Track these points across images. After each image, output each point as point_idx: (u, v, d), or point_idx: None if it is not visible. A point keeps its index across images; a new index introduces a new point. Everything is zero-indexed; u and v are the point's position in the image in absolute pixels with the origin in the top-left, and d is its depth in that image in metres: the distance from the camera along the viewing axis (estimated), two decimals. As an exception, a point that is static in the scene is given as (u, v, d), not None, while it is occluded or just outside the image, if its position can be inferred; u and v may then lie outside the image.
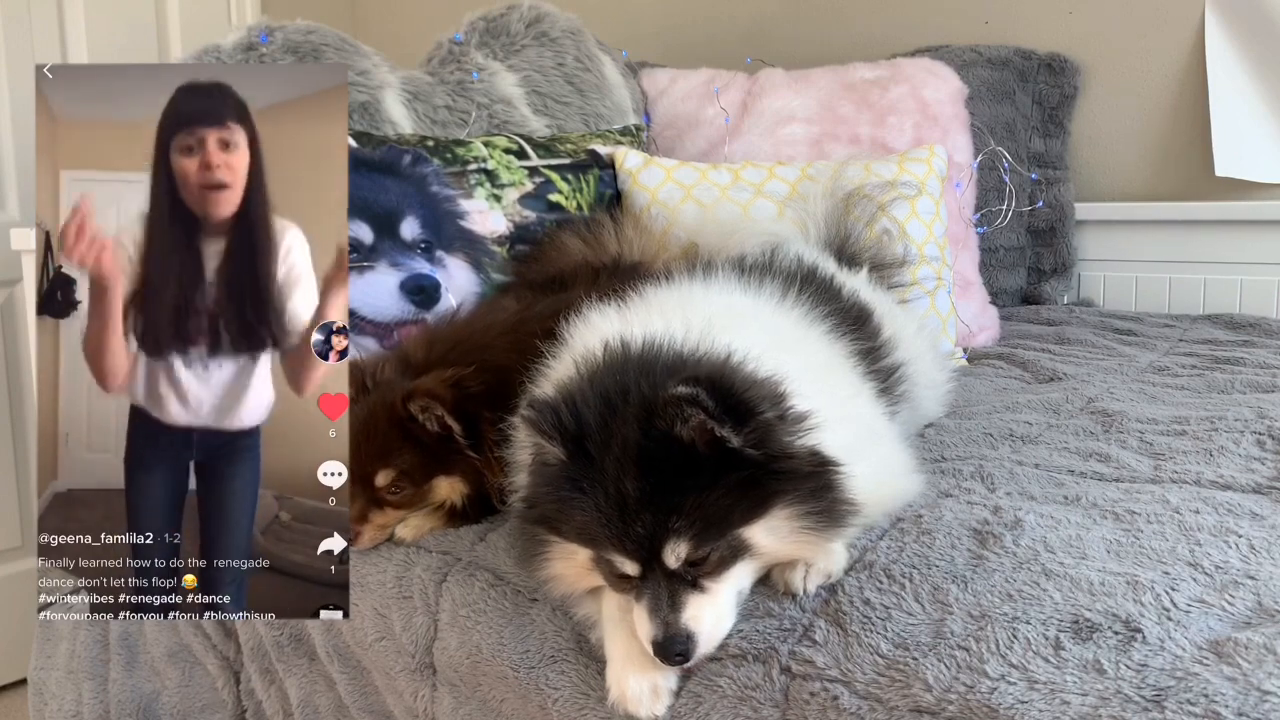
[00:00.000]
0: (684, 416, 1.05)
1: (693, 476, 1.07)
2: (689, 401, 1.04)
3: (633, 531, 1.06)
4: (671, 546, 1.06)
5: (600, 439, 1.09)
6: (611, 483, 1.07)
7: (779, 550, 1.11)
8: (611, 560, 1.09)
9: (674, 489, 1.06)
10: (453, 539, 1.38)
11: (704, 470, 1.07)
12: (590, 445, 1.09)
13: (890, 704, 0.98)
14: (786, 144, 2.46)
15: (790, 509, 1.09)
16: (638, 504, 1.06)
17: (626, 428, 1.08)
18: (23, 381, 2.70)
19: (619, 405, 1.10)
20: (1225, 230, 2.57)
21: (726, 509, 1.07)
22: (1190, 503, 1.24)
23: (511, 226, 2.02)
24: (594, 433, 1.09)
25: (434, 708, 1.33)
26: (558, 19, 2.49)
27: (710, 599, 1.08)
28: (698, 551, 1.07)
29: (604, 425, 1.09)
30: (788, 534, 1.10)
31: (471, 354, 1.46)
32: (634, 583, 1.09)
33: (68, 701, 1.75)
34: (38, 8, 2.72)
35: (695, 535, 1.06)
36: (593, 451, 1.09)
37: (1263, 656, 0.91)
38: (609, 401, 1.10)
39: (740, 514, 1.08)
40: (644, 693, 1.09)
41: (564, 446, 1.10)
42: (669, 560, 1.07)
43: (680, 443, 1.06)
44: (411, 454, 1.39)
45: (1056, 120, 2.73)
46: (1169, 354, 2.15)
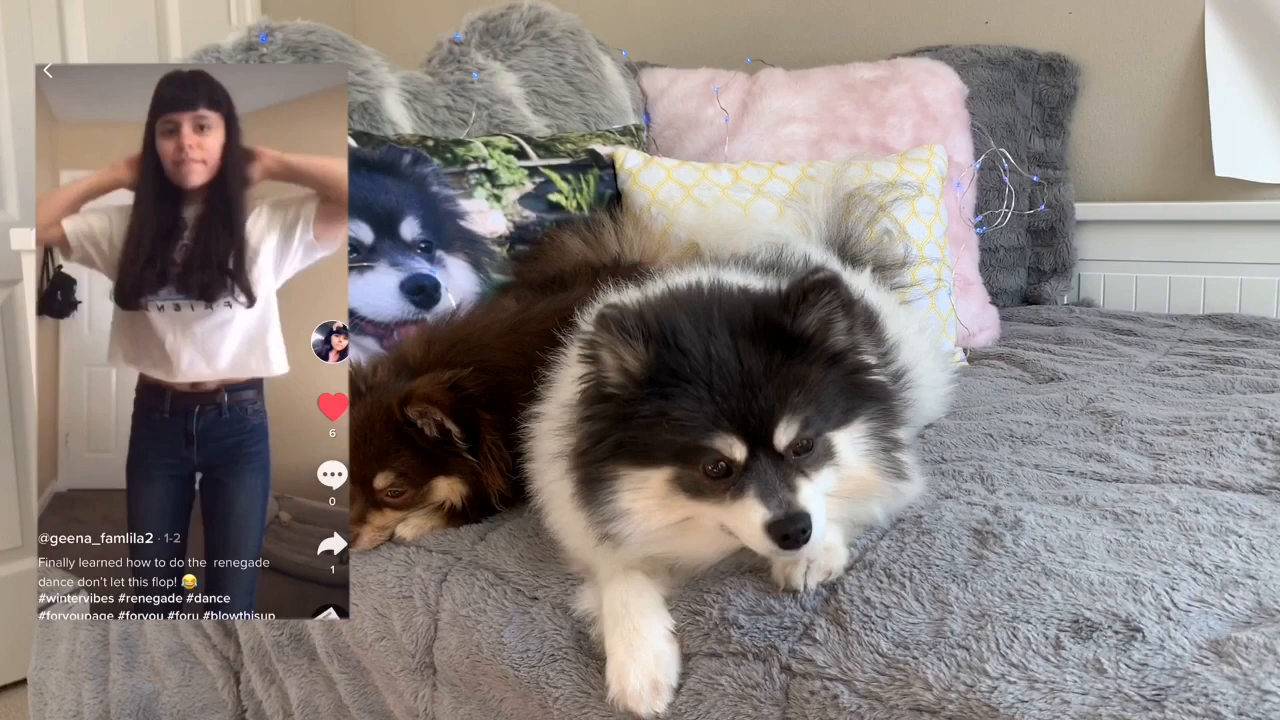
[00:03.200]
0: (820, 301, 1.11)
1: (805, 369, 1.11)
2: (827, 287, 1.11)
3: (752, 406, 1.08)
4: (786, 425, 1.08)
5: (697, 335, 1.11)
6: (722, 365, 1.09)
7: (855, 466, 1.14)
8: (716, 449, 1.07)
9: (791, 373, 1.10)
10: (453, 539, 1.38)
11: (813, 367, 1.12)
12: (685, 342, 1.10)
13: (890, 703, 0.98)
14: (786, 144, 2.46)
15: (870, 425, 1.15)
16: (759, 378, 1.09)
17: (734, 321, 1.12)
18: (23, 381, 2.70)
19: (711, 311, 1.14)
20: (1225, 230, 2.57)
21: (827, 407, 1.11)
22: (1190, 503, 1.24)
23: (511, 226, 2.02)
24: (688, 331, 1.11)
25: (434, 707, 1.33)
26: (558, 19, 2.49)
27: (815, 489, 1.09)
28: (805, 433, 1.09)
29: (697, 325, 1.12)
30: (862, 454, 1.14)
31: (469, 355, 1.45)
32: (734, 476, 1.08)
33: (68, 701, 1.75)
34: (38, 8, 2.72)
35: (807, 418, 1.09)
36: (688, 347, 1.10)
37: (1263, 656, 0.91)
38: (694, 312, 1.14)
39: (838, 415, 1.13)
40: (644, 689, 1.09)
41: (649, 346, 1.10)
42: (780, 439, 1.08)
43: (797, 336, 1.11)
44: (410, 456, 1.39)
45: (1056, 120, 2.73)
46: (1169, 354, 2.15)
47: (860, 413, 1.15)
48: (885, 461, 1.16)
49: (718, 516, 1.09)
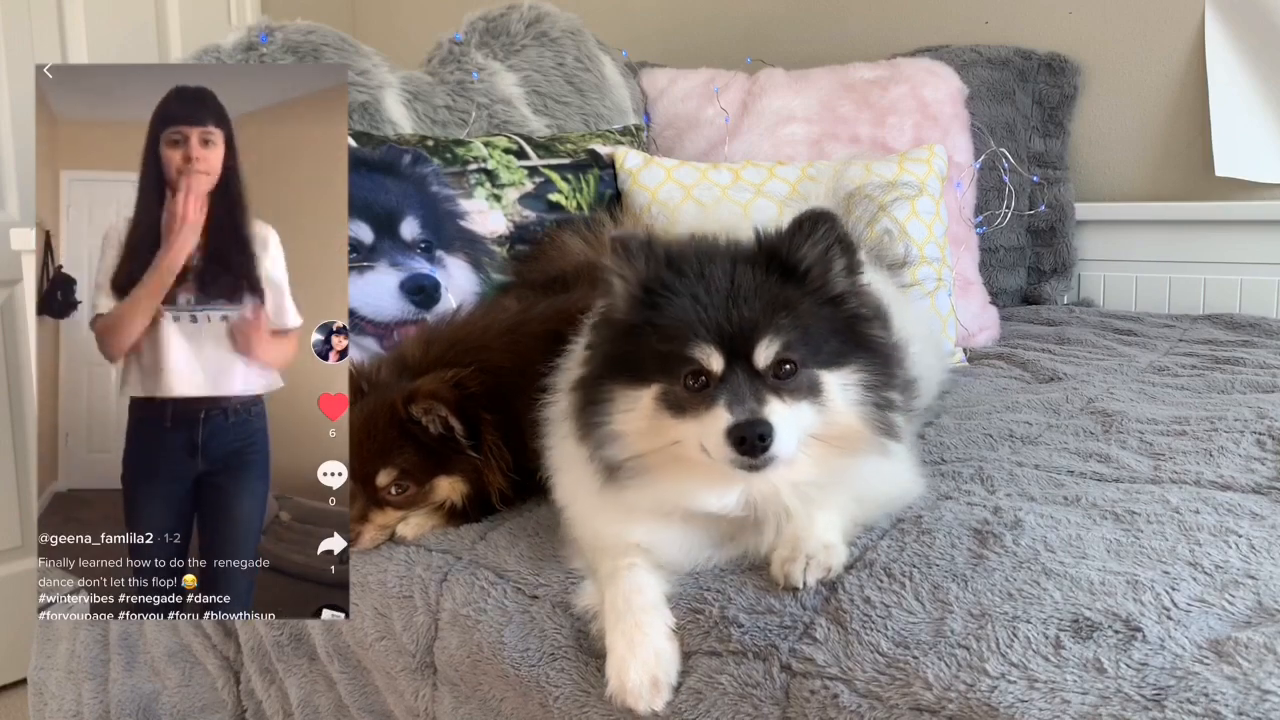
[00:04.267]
0: (817, 234, 1.14)
1: (799, 301, 1.14)
2: (824, 219, 1.13)
3: (734, 316, 1.11)
4: (769, 340, 1.10)
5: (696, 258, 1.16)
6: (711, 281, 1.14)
7: (842, 412, 1.14)
8: (695, 358, 1.11)
9: (782, 298, 1.13)
10: (453, 538, 1.38)
11: (809, 302, 1.14)
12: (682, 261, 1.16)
13: (890, 702, 0.98)
14: (786, 144, 2.46)
15: (863, 374, 1.16)
16: (748, 294, 1.12)
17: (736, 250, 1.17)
18: (23, 381, 2.70)
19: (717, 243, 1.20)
20: (1225, 230, 2.57)
21: (819, 339, 1.14)
22: (1190, 503, 1.24)
23: (511, 226, 2.02)
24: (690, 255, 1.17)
25: (434, 707, 1.33)
26: (558, 19, 2.49)
27: (788, 410, 1.10)
28: (787, 355, 1.11)
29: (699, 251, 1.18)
30: (851, 401, 1.15)
31: (469, 355, 1.46)
32: (711, 389, 1.10)
33: (68, 701, 1.75)
34: (38, 8, 2.72)
35: (790, 341, 1.11)
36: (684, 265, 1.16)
37: (1263, 656, 0.91)
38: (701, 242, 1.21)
39: (826, 353, 1.14)
40: (644, 685, 1.08)
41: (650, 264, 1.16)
42: (760, 355, 1.10)
43: (790, 267, 1.15)
44: (412, 453, 1.39)
45: (1056, 120, 2.73)
46: (1169, 354, 2.15)
47: (854, 359, 1.16)
48: (875, 416, 1.16)
49: (697, 435, 1.10)
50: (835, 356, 1.14)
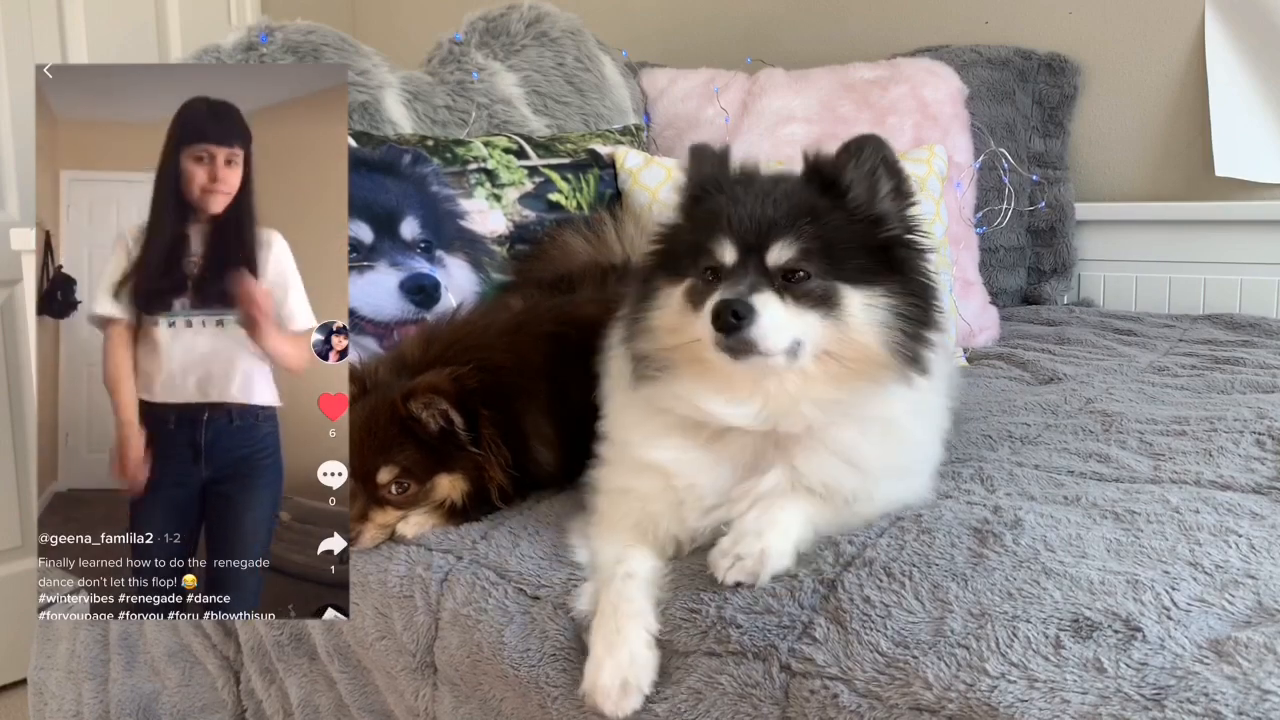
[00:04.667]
0: (862, 155, 1.16)
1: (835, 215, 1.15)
2: (870, 142, 1.15)
3: (758, 213, 1.14)
4: (784, 243, 1.13)
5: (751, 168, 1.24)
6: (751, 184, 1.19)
7: (861, 330, 1.14)
8: (711, 249, 1.15)
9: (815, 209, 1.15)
10: (454, 537, 1.38)
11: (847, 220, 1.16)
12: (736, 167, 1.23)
13: (890, 702, 0.98)
14: (786, 144, 2.45)
15: (893, 299, 1.15)
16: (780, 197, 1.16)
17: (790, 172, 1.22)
18: (23, 381, 2.70)
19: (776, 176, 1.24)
20: (1225, 230, 2.57)
21: (846, 254, 1.14)
22: (1190, 503, 1.24)
23: (511, 226, 2.02)
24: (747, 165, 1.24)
25: (435, 707, 1.33)
26: (558, 19, 2.49)
27: (783, 308, 1.12)
28: (801, 262, 1.12)
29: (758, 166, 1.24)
30: (876, 321, 1.14)
31: (469, 353, 1.45)
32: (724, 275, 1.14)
33: (68, 701, 1.75)
34: (38, 8, 2.72)
35: (808, 249, 1.13)
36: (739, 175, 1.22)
37: (1263, 656, 0.91)
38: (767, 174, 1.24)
39: (854, 269, 1.14)
40: (614, 687, 1.08)
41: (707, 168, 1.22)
42: (772, 254, 1.13)
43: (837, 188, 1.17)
44: (413, 451, 1.38)
45: (1056, 120, 2.73)
46: (1169, 354, 2.15)
47: (885, 281, 1.15)
48: (898, 340, 1.15)
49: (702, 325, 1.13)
50: (862, 273, 1.15)
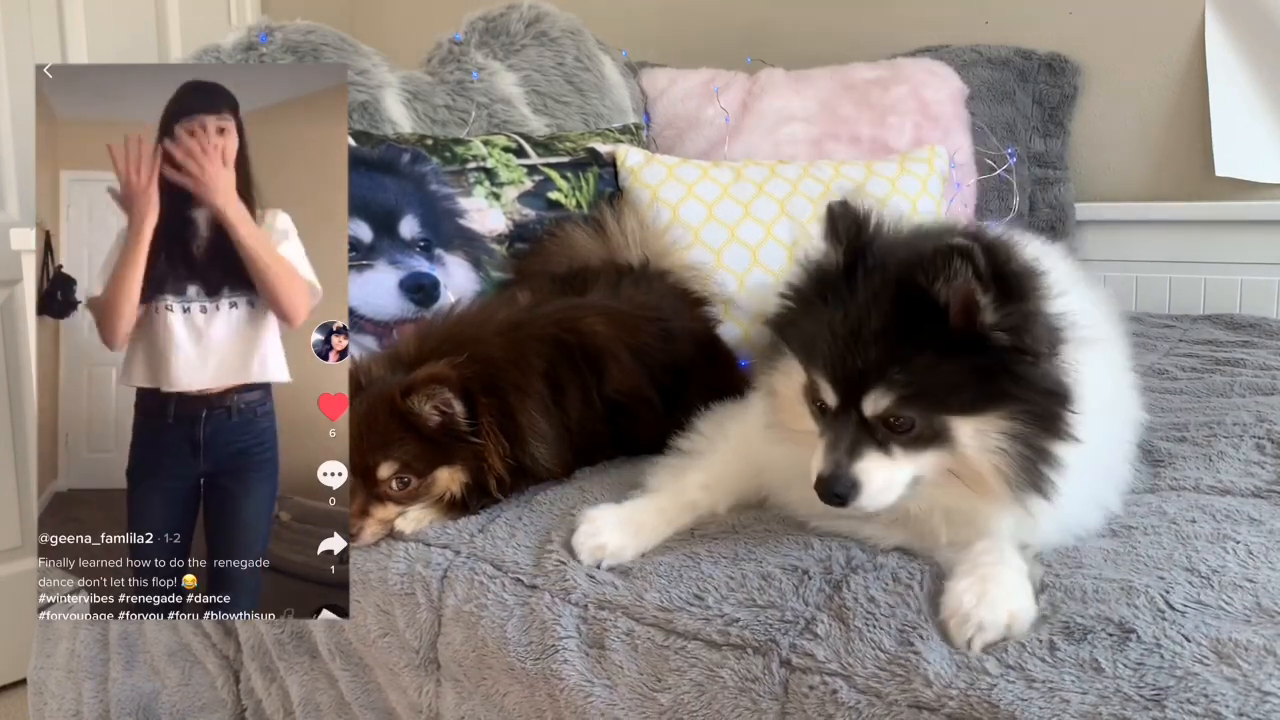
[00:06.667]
0: (950, 273, 1.01)
1: (934, 342, 1.05)
2: (962, 254, 1.01)
3: (850, 362, 1.07)
4: (878, 394, 1.06)
5: (872, 266, 1.10)
6: (857, 306, 1.08)
7: (975, 460, 1.07)
8: (818, 385, 1.11)
9: (911, 343, 1.05)
10: (453, 532, 1.38)
11: (948, 342, 1.04)
12: (861, 266, 1.10)
13: (890, 699, 0.98)
14: (787, 144, 2.46)
15: (1009, 422, 1.05)
16: (869, 337, 1.06)
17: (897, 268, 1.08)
18: (23, 381, 2.70)
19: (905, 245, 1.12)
20: (1225, 230, 2.57)
21: (949, 389, 1.05)
22: (1187, 512, 1.24)
23: (511, 225, 2.02)
24: (874, 259, 1.10)
25: (438, 703, 1.33)
26: (557, 19, 2.49)
27: (890, 464, 1.08)
28: (899, 411, 1.06)
29: (884, 259, 1.10)
30: (989, 449, 1.06)
31: (464, 347, 1.45)
32: (828, 418, 1.11)
33: (68, 701, 1.75)
34: (38, 8, 2.72)
35: (905, 397, 1.05)
36: (859, 272, 1.10)
37: (1263, 658, 0.91)
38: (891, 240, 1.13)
39: (960, 401, 1.05)
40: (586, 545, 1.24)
41: (841, 252, 1.12)
42: (868, 406, 1.07)
43: (935, 305, 1.04)
44: (413, 445, 1.38)
45: (1056, 120, 2.73)
46: (1169, 354, 2.15)
47: (997, 405, 1.04)
48: (1018, 468, 1.06)
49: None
50: (975, 402, 1.05)
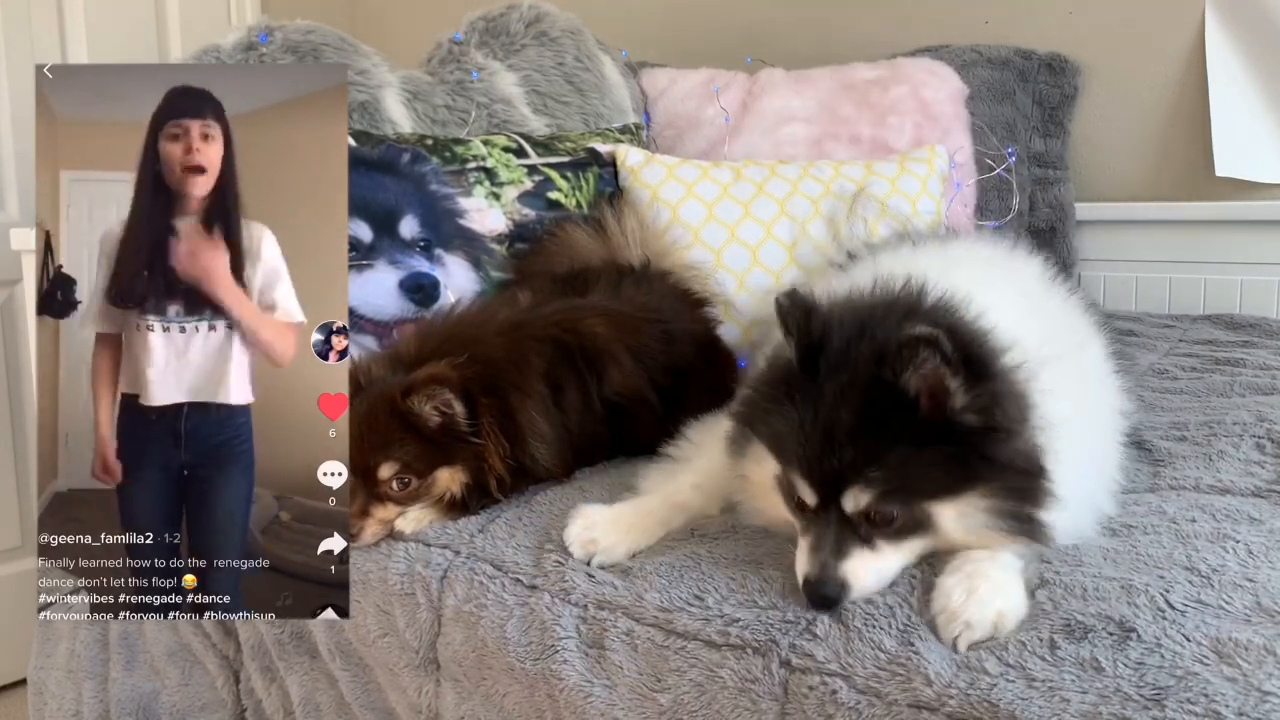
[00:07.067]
0: (918, 362, 1.01)
1: (906, 432, 1.03)
2: (928, 343, 1.00)
3: (826, 462, 1.05)
4: (856, 493, 1.05)
5: (835, 361, 1.07)
6: (825, 406, 1.06)
7: (963, 538, 1.07)
8: (795, 484, 1.09)
9: (884, 437, 1.04)
10: (453, 532, 1.38)
11: (919, 430, 1.03)
12: (822, 362, 1.08)
13: (890, 699, 0.98)
14: (787, 144, 2.46)
15: (989, 500, 1.05)
16: (842, 437, 1.04)
17: (861, 362, 1.05)
18: (23, 381, 2.70)
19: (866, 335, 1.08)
20: (1225, 230, 2.57)
21: (925, 477, 1.04)
22: (1187, 511, 1.24)
23: (511, 225, 2.02)
24: (833, 352, 1.08)
25: (437, 703, 1.33)
26: (557, 19, 2.49)
27: (876, 558, 1.07)
28: (880, 506, 1.05)
29: (845, 350, 1.07)
30: (974, 527, 1.06)
31: (464, 347, 1.45)
32: (808, 515, 1.09)
33: (68, 701, 1.75)
34: (38, 8, 2.72)
35: (884, 492, 1.04)
36: (822, 368, 1.07)
37: (1263, 657, 0.91)
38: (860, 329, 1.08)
39: (938, 486, 1.05)
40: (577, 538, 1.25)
41: (797, 349, 1.10)
42: (848, 504, 1.06)
43: (904, 395, 1.03)
44: (413, 445, 1.38)
45: (1056, 120, 2.73)
46: (1169, 354, 2.15)
47: (975, 484, 1.04)
48: (1006, 534, 1.07)
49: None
50: (952, 486, 1.05)
